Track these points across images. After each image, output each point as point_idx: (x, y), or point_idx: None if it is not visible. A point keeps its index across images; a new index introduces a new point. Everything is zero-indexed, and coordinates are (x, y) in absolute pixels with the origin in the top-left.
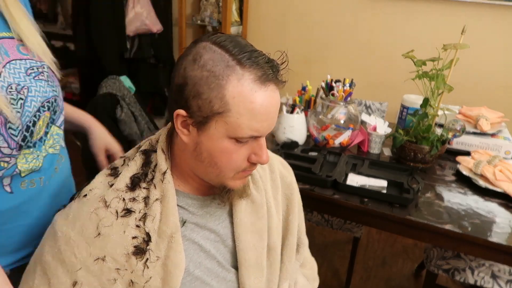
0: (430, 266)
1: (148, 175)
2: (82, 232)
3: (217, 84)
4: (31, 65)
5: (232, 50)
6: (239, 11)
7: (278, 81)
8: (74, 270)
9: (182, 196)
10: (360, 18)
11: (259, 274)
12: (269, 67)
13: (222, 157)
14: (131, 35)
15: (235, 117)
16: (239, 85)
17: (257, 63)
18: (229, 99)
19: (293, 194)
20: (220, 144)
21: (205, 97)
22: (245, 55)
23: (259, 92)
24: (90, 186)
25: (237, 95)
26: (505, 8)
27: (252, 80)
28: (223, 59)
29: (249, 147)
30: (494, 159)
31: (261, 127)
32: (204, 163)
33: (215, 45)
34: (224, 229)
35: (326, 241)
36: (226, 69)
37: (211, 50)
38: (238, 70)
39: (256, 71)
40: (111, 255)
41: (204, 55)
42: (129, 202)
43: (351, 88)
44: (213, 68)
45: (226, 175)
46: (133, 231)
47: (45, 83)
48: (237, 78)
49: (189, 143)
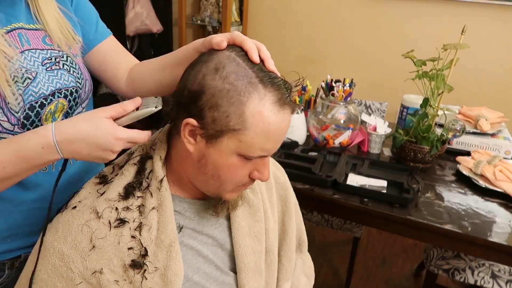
0: (430, 266)
1: (143, 183)
2: (75, 246)
3: (238, 99)
4: (51, 55)
5: (253, 67)
6: (239, 11)
7: (294, 105)
8: (75, 284)
9: (178, 200)
10: (360, 18)
11: (258, 278)
12: (285, 90)
13: (227, 172)
14: (131, 35)
15: (251, 136)
16: (260, 105)
17: (277, 85)
18: (248, 117)
19: (287, 195)
20: (228, 160)
21: (223, 110)
22: (267, 74)
23: (278, 114)
24: (79, 197)
25: (257, 115)
26: (505, 8)
27: (273, 101)
28: (247, 75)
29: (253, 164)
30: (494, 159)
31: (271, 148)
32: (207, 174)
33: (240, 58)
34: (221, 233)
35: (326, 241)
36: (248, 85)
37: (235, 62)
38: (260, 88)
39: (276, 93)
40: (108, 266)
41: (227, 66)
42: (122, 211)
43: (351, 88)
44: (235, 82)
45: (226, 189)
46: (128, 242)
47: (61, 72)
48: (259, 97)
49: (194, 153)
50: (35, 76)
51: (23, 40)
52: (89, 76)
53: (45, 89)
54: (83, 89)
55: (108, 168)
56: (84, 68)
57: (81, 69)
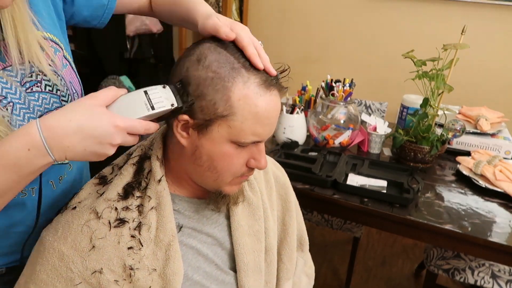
0: (430, 266)
1: (141, 183)
2: (75, 247)
3: (222, 85)
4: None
5: (237, 53)
6: (239, 11)
7: (281, 87)
8: (74, 284)
9: (178, 199)
10: (360, 18)
11: (258, 277)
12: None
13: (222, 161)
14: (131, 35)
15: (239, 120)
16: (245, 88)
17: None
18: (234, 102)
19: (287, 194)
20: (221, 148)
21: (209, 98)
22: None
23: (264, 96)
24: (78, 198)
25: (243, 98)
26: (505, 8)
27: (258, 84)
28: (229, 61)
29: (249, 152)
30: (494, 159)
31: (263, 132)
32: (203, 167)
33: (220, 47)
34: (221, 232)
35: (326, 241)
36: (231, 71)
37: (216, 51)
38: (243, 72)
39: (260, 75)
40: (108, 266)
41: (209, 56)
42: (121, 211)
43: (351, 88)
44: (218, 69)
45: (224, 180)
46: (128, 242)
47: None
48: (243, 81)
49: (188, 147)
50: (12, 110)
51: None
52: (78, 82)
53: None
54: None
55: (107, 168)
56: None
57: (66, 84)
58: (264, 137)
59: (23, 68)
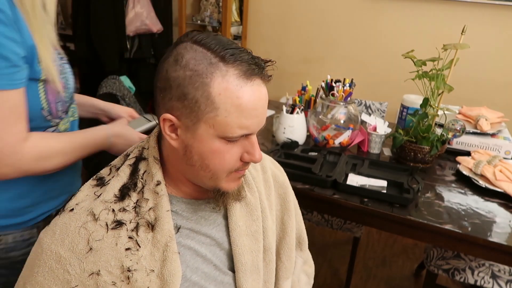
0: (430, 266)
1: (137, 184)
2: (72, 249)
3: (201, 82)
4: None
5: (214, 47)
6: (239, 11)
7: (264, 75)
8: (71, 287)
9: (175, 200)
10: (360, 18)
11: (256, 277)
12: (254, 63)
13: (214, 159)
14: (131, 35)
15: (223, 115)
16: (224, 82)
17: (241, 59)
18: (215, 97)
19: (286, 193)
20: (210, 145)
21: (190, 97)
22: (228, 51)
23: (245, 87)
24: (76, 200)
25: (223, 92)
26: (505, 8)
27: (237, 75)
28: (206, 57)
29: (241, 146)
30: (494, 159)
31: (251, 124)
32: (196, 166)
33: (196, 44)
34: (219, 232)
35: (326, 241)
36: (209, 66)
37: (192, 49)
38: (221, 66)
39: (240, 67)
40: (106, 268)
41: (185, 55)
42: (119, 212)
43: (351, 88)
44: (195, 67)
45: (219, 177)
46: (125, 243)
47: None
48: (222, 74)
49: (178, 148)
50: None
51: None
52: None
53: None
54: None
55: (105, 170)
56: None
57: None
58: (253, 130)
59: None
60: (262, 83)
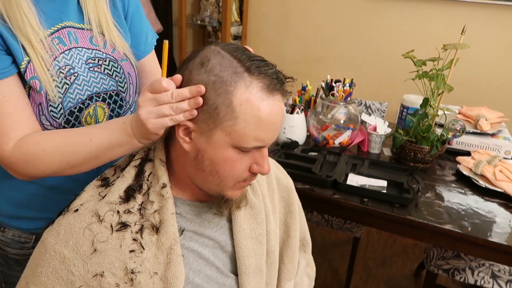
0: (430, 266)
1: (143, 185)
2: (77, 250)
3: (224, 90)
4: (95, 56)
5: (240, 57)
6: (239, 11)
7: (285, 91)
8: (74, 287)
9: (180, 202)
10: (360, 18)
11: (259, 279)
12: (276, 78)
13: (224, 166)
14: None
15: (241, 125)
16: (247, 92)
17: (266, 72)
18: (236, 106)
19: (290, 196)
20: (223, 153)
21: (211, 103)
22: (254, 63)
23: (267, 101)
24: (80, 200)
25: (245, 102)
26: (505, 8)
27: (260, 88)
28: (232, 65)
29: (252, 157)
30: (494, 159)
31: (266, 137)
32: (205, 171)
33: (224, 51)
34: (223, 235)
35: (326, 241)
36: (234, 75)
37: (220, 54)
38: (246, 77)
39: (264, 80)
40: (110, 269)
41: (212, 59)
42: (123, 214)
43: (351, 88)
44: (221, 73)
45: (227, 185)
46: (130, 245)
47: (101, 76)
48: (245, 85)
49: (190, 151)
50: (74, 80)
51: (72, 38)
52: (136, 80)
53: (82, 94)
54: (127, 93)
55: (109, 170)
56: (130, 72)
57: (124, 73)
58: (267, 143)
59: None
60: (282, 99)
